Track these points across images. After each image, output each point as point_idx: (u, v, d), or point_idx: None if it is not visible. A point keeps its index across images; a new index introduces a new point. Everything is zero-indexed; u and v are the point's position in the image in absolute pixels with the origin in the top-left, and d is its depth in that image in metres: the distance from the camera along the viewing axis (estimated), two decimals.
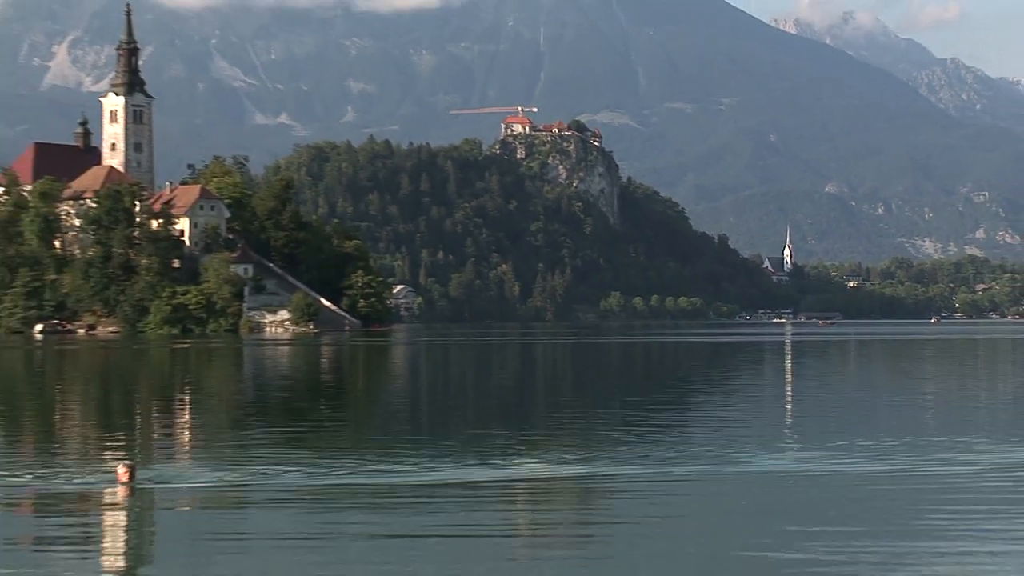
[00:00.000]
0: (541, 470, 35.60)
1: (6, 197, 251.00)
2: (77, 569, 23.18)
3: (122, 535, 26.58)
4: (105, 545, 25.60)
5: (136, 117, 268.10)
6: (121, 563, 23.95)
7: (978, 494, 30.82)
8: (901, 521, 26.82)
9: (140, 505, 29.21)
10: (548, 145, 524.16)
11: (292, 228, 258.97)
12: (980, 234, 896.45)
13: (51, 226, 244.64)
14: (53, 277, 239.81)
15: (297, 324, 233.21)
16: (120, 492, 30.13)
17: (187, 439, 49.81)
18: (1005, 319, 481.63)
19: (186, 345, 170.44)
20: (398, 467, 35.91)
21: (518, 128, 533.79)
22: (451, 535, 25.13)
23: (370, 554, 23.39)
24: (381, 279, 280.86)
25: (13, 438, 50.51)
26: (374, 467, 35.85)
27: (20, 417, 62.23)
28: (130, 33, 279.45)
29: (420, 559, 22.92)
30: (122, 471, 31.06)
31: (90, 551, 24.90)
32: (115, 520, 27.94)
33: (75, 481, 33.43)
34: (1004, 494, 30.96)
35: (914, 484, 32.65)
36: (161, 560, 24.13)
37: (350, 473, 34.51)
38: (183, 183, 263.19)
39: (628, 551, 24.35)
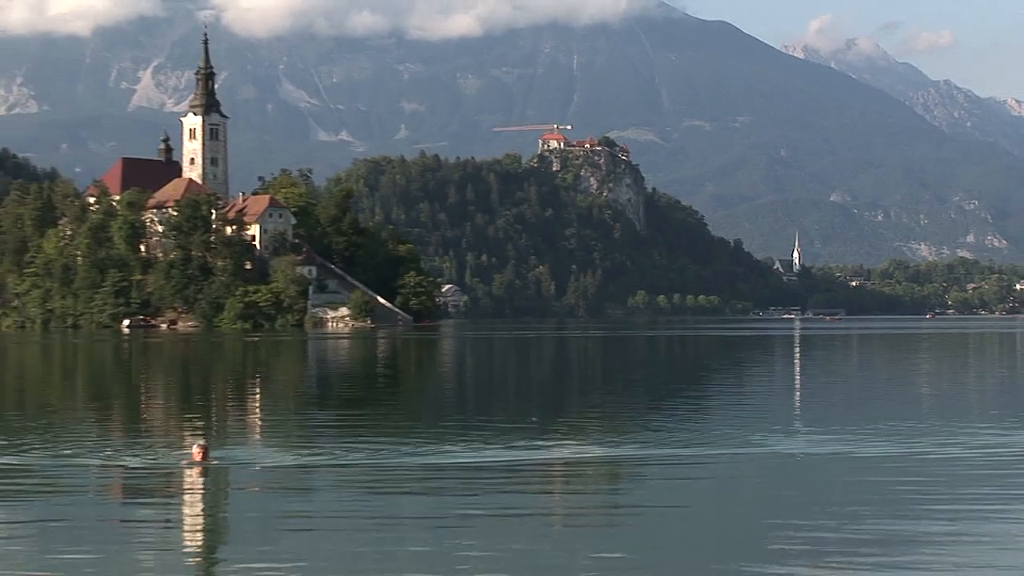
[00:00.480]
0: (575, 452, 35.46)
1: (97, 206, 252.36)
2: (158, 540, 23.16)
3: (195, 510, 26.62)
4: (180, 520, 25.59)
5: (212, 135, 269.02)
6: (196, 535, 24.08)
7: (971, 473, 30.55)
8: (900, 495, 26.59)
9: (212, 482, 29.26)
10: (581, 159, 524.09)
11: (351, 234, 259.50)
12: (970, 238, 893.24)
13: (137, 232, 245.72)
14: (139, 277, 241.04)
15: (356, 320, 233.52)
16: (194, 470, 30.20)
17: (256, 423, 49.84)
18: (993, 315, 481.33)
19: (256, 339, 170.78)
20: (446, 449, 35.78)
21: (554, 144, 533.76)
22: (494, 514, 24.99)
23: (421, 529, 23.26)
24: (431, 279, 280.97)
25: (104, 421, 50.80)
26: (424, 449, 35.72)
27: (110, 402, 62.67)
28: (207, 60, 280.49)
29: (466, 535, 22.76)
30: (196, 451, 31.12)
31: (168, 525, 24.94)
32: (189, 496, 28.03)
33: (156, 460, 33.58)
34: (993, 472, 30.67)
35: (912, 464, 32.34)
36: (231, 533, 24.30)
37: (404, 455, 34.40)
38: (254, 193, 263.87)
39: (655, 526, 24.14)
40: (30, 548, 21.88)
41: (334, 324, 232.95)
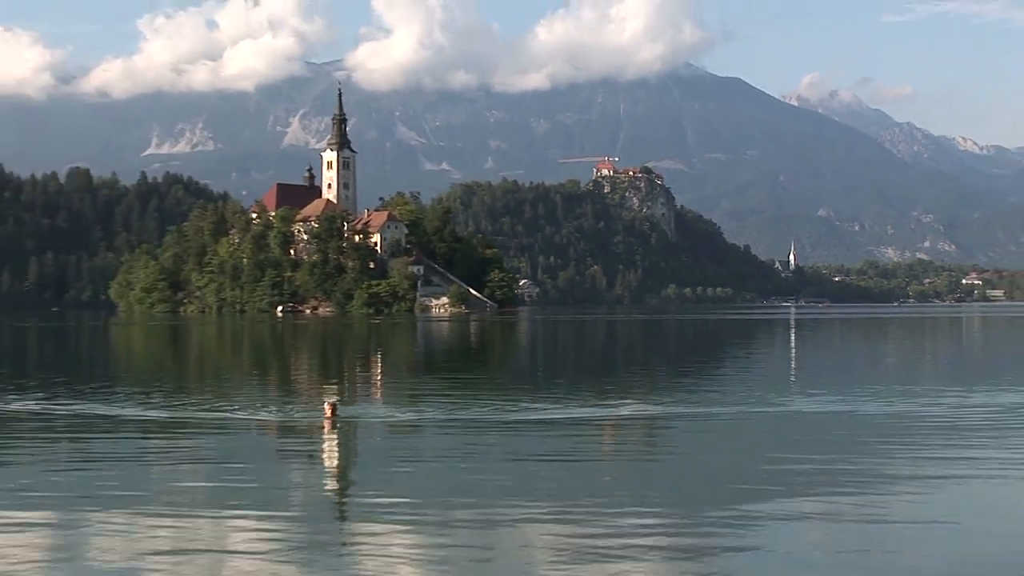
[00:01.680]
0: (622, 410, 35.35)
1: (258, 220, 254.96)
2: (303, 469, 23.42)
3: (329, 450, 27.01)
4: (320, 456, 26.08)
5: (345, 165, 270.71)
6: (330, 467, 24.40)
7: (930, 427, 30.16)
8: (872, 443, 26.33)
9: (340, 432, 29.39)
10: (626, 183, 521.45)
11: (450, 240, 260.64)
12: (927, 244, 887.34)
13: (288, 239, 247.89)
14: (289, 274, 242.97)
15: (453, 306, 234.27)
16: (325, 424, 30.27)
17: (376, 385, 50.01)
18: (944, 303, 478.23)
19: (378, 321, 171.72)
20: (522, 406, 35.79)
21: (605, 172, 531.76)
22: (556, 456, 25.02)
23: (504, 470, 23.27)
24: (510, 276, 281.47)
25: (259, 383, 51.23)
26: (506, 407, 35.74)
27: (267, 369, 63.31)
28: (340, 108, 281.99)
29: (537, 470, 22.88)
30: (327, 408, 31.26)
31: (311, 460, 25.37)
32: (323, 443, 28.18)
33: (297, 414, 33.91)
34: (950, 425, 30.27)
35: (882, 420, 32.02)
36: (356, 468, 24.53)
37: (490, 411, 34.44)
38: (376, 210, 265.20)
39: (681, 466, 24.10)
40: (214, 475, 22.49)
41: (437, 310, 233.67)
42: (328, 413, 31.02)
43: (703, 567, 15.06)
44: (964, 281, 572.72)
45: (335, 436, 28.64)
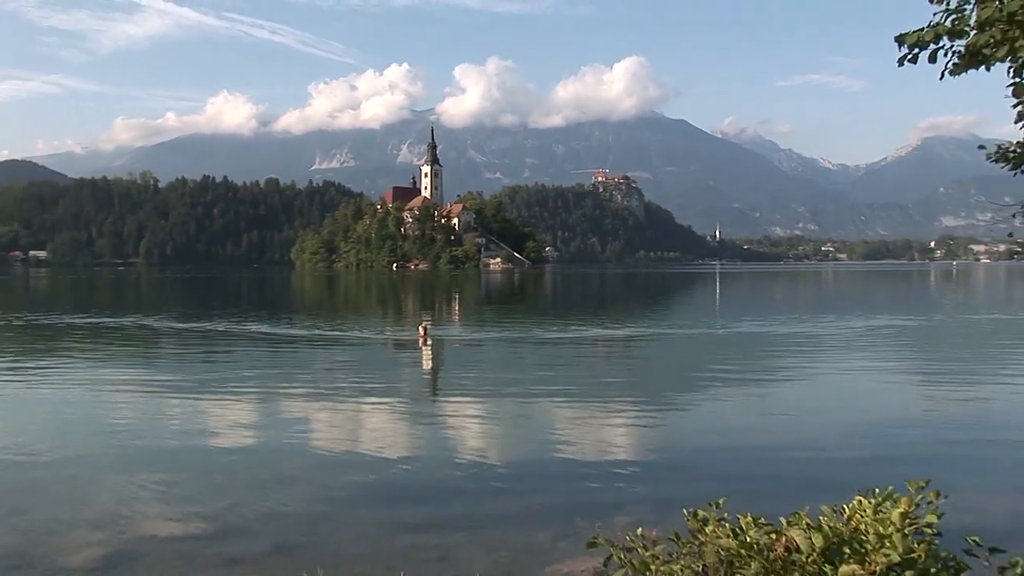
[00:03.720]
0: (610, 331, 35.21)
1: (381, 209, 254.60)
2: (410, 369, 23.47)
3: (425, 358, 26.68)
4: (420, 361, 25.86)
5: (436, 175, 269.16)
6: (426, 367, 24.13)
7: (809, 341, 29.80)
8: (774, 352, 26.03)
9: (431, 347, 29.18)
10: (612, 186, 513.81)
11: (501, 222, 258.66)
12: (800, 225, 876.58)
13: (399, 222, 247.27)
14: (400, 243, 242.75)
15: (504, 264, 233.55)
16: (419, 341, 30.00)
17: (455, 314, 50.12)
18: (811, 262, 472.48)
19: (456, 273, 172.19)
20: (548, 329, 35.73)
21: (600, 179, 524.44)
22: (570, 362, 24.95)
23: (535, 370, 23.24)
24: (540, 244, 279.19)
25: (380, 313, 51.39)
26: (537, 329, 35.70)
27: (385, 304, 63.43)
28: (432, 138, 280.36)
29: (557, 373, 22.78)
30: (421, 331, 31.28)
31: (414, 363, 25.15)
32: (419, 354, 27.89)
33: (393, 335, 33.75)
34: (830, 340, 29.94)
35: (780, 337, 31.68)
36: (439, 368, 24.33)
37: (526, 332, 34.41)
38: (455, 203, 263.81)
39: (647, 367, 23.96)
40: (345, 370, 22.42)
41: (493, 266, 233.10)
42: (422, 333, 31.08)
43: (661, 422, 15.12)
44: (823, 248, 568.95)
45: (428, 348, 28.65)
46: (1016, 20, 4.93)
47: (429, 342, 29.74)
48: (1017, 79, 5.32)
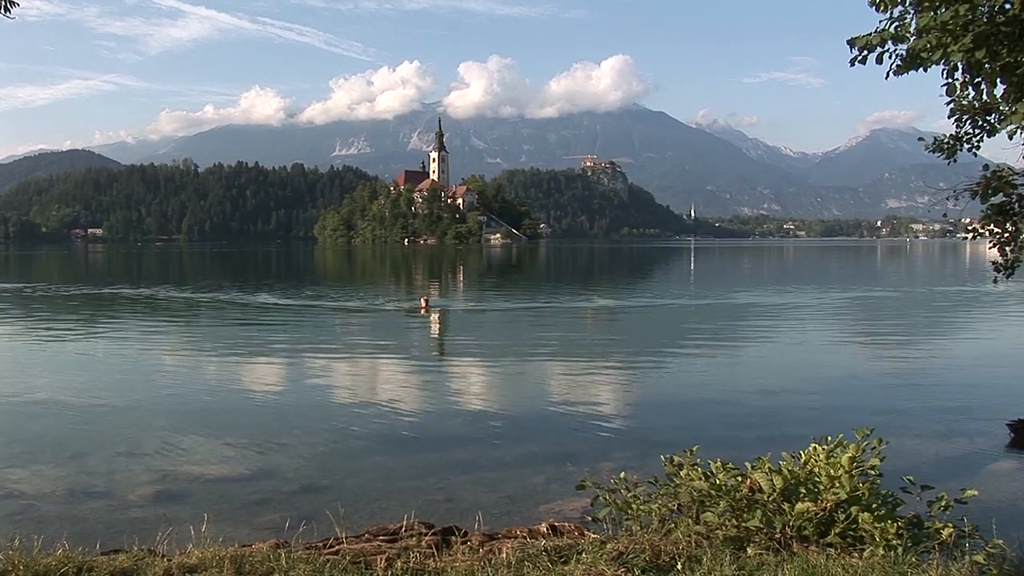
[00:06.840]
0: (597, 302, 35.16)
1: (394, 191, 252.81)
2: (416, 333, 23.48)
3: (427, 323, 26.62)
4: (426, 328, 25.82)
5: (442, 160, 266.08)
6: (431, 332, 24.09)
7: (773, 311, 29.79)
8: (738, 321, 26.01)
9: (432, 316, 29.04)
10: (600, 170, 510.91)
11: (502, 202, 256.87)
12: (765, 205, 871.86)
13: (411, 201, 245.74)
14: (411, 221, 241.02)
15: (503, 240, 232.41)
16: (422, 310, 29.62)
17: (456, 285, 49.96)
18: (775, 238, 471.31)
19: (460, 248, 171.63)
20: (541, 299, 35.69)
21: (589, 164, 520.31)
22: (567, 326, 24.94)
23: (530, 335, 23.25)
24: (536, 222, 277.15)
25: (392, 284, 51.23)
26: (531, 299, 35.65)
27: (398, 275, 63.11)
28: (440, 128, 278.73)
29: (550, 337, 22.77)
30: (422, 301, 31.11)
31: (419, 327, 25.13)
32: (426, 320, 27.84)
33: (401, 304, 33.57)
34: (780, 310, 29.98)
35: (749, 307, 31.71)
36: (444, 333, 24.35)
37: (522, 302, 34.36)
38: (459, 185, 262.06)
39: (628, 332, 23.99)
40: (361, 335, 22.41)
41: (493, 242, 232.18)
42: (423, 304, 30.84)
43: (642, 380, 15.18)
44: (785, 226, 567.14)
45: (431, 317, 28.53)
46: (948, 29, 5.06)
47: (431, 312, 29.48)
48: (950, 80, 5.46)
